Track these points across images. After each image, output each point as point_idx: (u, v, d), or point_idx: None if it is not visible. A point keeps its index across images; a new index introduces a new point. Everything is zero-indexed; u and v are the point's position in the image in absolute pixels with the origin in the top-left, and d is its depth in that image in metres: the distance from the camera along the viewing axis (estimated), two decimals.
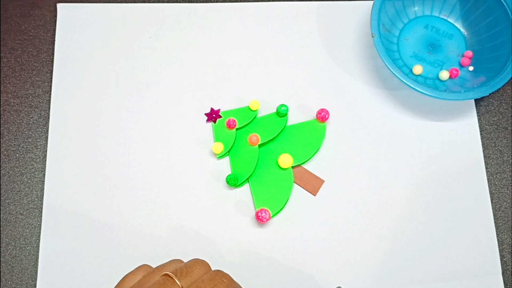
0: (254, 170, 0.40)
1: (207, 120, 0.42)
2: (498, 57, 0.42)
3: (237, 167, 0.40)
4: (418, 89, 0.40)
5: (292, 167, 0.41)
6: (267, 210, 0.38)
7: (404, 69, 0.44)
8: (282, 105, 0.41)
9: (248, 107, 0.42)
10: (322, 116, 0.41)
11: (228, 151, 0.41)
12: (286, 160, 0.40)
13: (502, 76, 0.40)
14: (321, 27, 0.46)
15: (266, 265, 0.39)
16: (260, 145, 0.41)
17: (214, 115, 0.42)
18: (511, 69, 0.40)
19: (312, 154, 0.41)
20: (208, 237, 0.39)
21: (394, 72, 0.40)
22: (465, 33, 0.45)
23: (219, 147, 0.40)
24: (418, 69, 0.43)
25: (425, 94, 0.40)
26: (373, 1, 0.42)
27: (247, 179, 0.40)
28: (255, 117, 0.42)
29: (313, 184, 0.41)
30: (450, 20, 0.46)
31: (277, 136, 0.41)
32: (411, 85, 0.40)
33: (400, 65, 0.44)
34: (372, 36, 0.41)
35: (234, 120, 0.41)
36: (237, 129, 0.41)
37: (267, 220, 0.38)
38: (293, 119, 0.43)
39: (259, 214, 0.38)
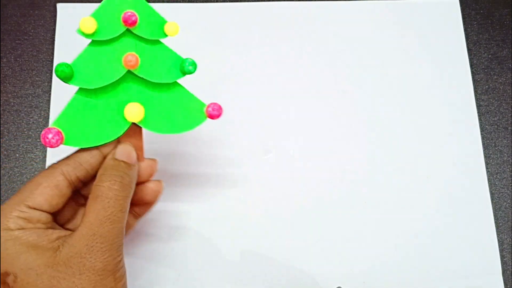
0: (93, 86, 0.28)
1: None
2: None
3: (82, 65, 0.28)
4: None
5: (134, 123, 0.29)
6: (60, 133, 0.27)
7: None
8: (188, 60, 0.29)
9: (162, 25, 0.30)
10: (209, 111, 0.30)
11: (94, 42, 0.28)
12: (134, 112, 0.27)
13: None
14: (321, 27, 0.46)
15: (266, 265, 0.39)
16: (128, 72, 0.28)
17: None
18: None
19: (168, 131, 0.29)
20: (208, 237, 0.39)
21: None
22: None
23: (91, 26, 0.27)
24: None
25: None
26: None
27: (80, 87, 0.28)
28: (156, 42, 0.30)
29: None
30: None
31: (154, 84, 0.29)
32: None
33: None
34: None
35: (137, 18, 0.28)
36: (125, 31, 0.28)
37: (55, 145, 0.26)
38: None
39: (47, 135, 0.26)
